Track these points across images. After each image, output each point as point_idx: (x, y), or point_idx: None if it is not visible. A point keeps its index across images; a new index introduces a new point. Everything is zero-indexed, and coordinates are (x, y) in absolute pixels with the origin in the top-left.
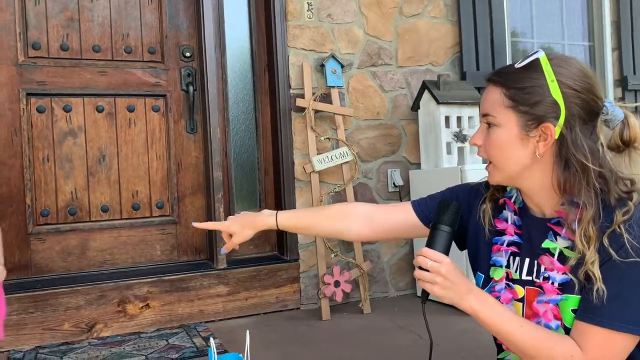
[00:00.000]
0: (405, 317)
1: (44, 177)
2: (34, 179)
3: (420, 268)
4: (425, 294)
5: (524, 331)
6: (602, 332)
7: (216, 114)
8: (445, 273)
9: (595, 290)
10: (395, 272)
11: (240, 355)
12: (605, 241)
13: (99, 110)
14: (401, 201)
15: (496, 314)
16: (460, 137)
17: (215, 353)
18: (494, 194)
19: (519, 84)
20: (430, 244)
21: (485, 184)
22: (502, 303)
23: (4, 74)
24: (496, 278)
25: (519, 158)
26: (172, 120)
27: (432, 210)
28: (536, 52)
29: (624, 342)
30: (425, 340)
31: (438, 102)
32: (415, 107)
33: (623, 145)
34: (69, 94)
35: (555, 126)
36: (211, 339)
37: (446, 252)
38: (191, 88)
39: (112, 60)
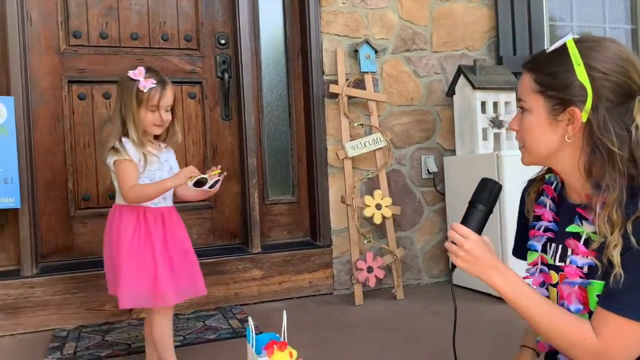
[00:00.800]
0: (438, 303)
1: (85, 162)
2: (75, 165)
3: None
4: (453, 264)
5: (542, 310)
6: (617, 319)
7: (250, 101)
8: (468, 248)
9: (613, 275)
10: (428, 259)
11: (278, 334)
12: (630, 227)
13: None
14: (435, 188)
15: (517, 291)
16: (496, 122)
17: (254, 332)
18: (538, 182)
19: (546, 69)
20: (463, 221)
21: (538, 175)
22: (532, 285)
23: (48, 62)
24: (529, 261)
25: (549, 142)
26: (207, 107)
27: (522, 244)
28: (566, 35)
29: (639, 332)
30: (460, 327)
31: (474, 87)
32: (451, 92)
33: None
34: (108, 81)
35: (582, 110)
36: (249, 319)
37: (479, 229)
38: (226, 75)
39: (150, 47)
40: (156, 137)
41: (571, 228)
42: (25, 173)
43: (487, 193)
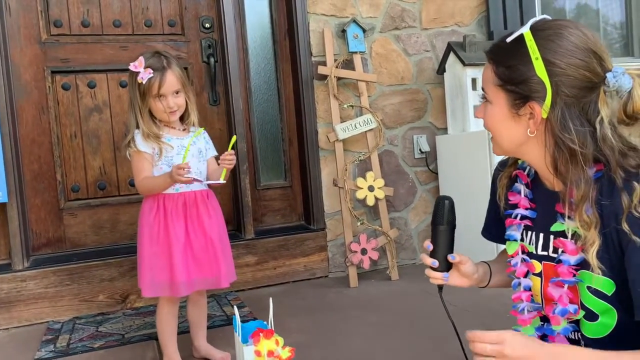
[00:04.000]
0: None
1: (73, 153)
2: (63, 156)
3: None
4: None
5: None
6: None
7: (238, 85)
8: (510, 353)
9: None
10: (423, 239)
11: (265, 322)
12: (625, 227)
13: (123, 85)
14: (428, 168)
15: None
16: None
17: (239, 321)
18: (511, 166)
19: (505, 61)
20: (434, 245)
21: (510, 160)
22: (517, 276)
23: (29, 52)
24: (510, 252)
25: (512, 136)
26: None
27: (493, 226)
28: (525, 25)
29: None
30: (454, 306)
31: (464, 64)
32: (441, 70)
33: (628, 119)
34: (92, 70)
35: (541, 106)
36: (235, 308)
37: (449, 247)
38: (212, 59)
39: (133, 34)
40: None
41: (555, 227)
42: (12, 166)
43: (441, 212)
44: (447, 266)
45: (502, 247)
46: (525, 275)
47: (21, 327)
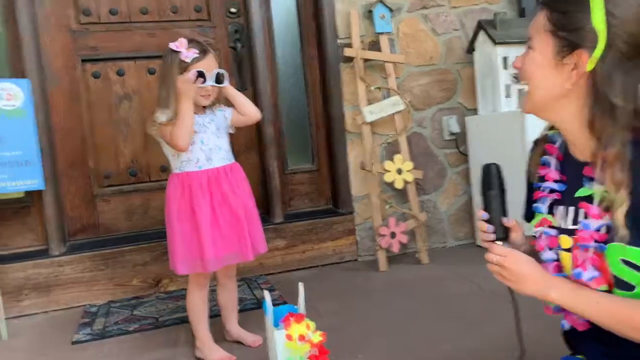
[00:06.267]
0: (464, 266)
1: (104, 140)
2: (95, 143)
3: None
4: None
5: (600, 307)
6: None
7: (265, 70)
8: (509, 266)
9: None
10: (453, 222)
11: (295, 306)
12: None
13: (151, 72)
14: (458, 150)
15: (574, 299)
16: (519, 78)
17: (270, 304)
18: (542, 142)
19: (562, 7)
20: (486, 211)
21: (541, 136)
22: (537, 249)
23: (60, 41)
24: (533, 224)
25: (550, 86)
26: None
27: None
28: None
29: None
30: (486, 290)
31: (495, 43)
32: (471, 49)
33: None
34: (121, 58)
35: (589, 56)
36: (265, 292)
37: (502, 212)
38: (239, 45)
39: (160, 21)
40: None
41: (581, 192)
42: (46, 154)
43: (489, 177)
44: (503, 232)
45: None
46: (545, 250)
47: (59, 311)
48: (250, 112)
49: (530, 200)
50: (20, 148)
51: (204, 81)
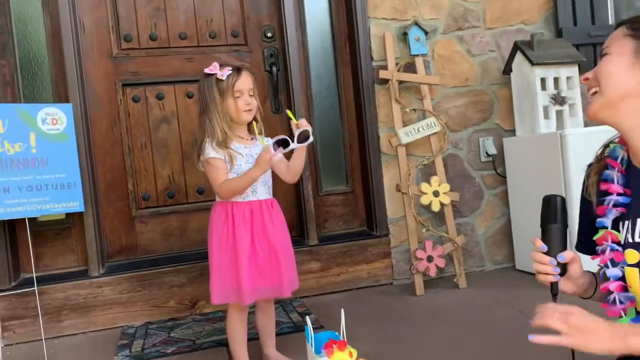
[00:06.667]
0: (503, 291)
1: (143, 163)
2: (134, 165)
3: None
4: (555, 286)
5: None
6: None
7: (300, 93)
8: (576, 322)
9: None
10: (491, 245)
11: (337, 333)
12: None
13: (189, 96)
14: (496, 171)
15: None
16: (558, 99)
17: (312, 330)
18: (599, 161)
19: None
20: (545, 245)
21: (597, 155)
22: (600, 264)
23: (102, 67)
24: (596, 239)
25: (624, 83)
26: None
27: (587, 236)
28: None
29: None
30: (528, 316)
31: (532, 63)
32: (507, 70)
33: None
34: (160, 82)
35: None
36: (307, 318)
37: (562, 247)
38: (274, 68)
39: (198, 46)
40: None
41: None
42: (87, 176)
43: (553, 210)
44: (562, 268)
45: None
46: (612, 264)
47: (97, 331)
48: (294, 178)
49: (584, 228)
50: (64, 171)
51: (286, 147)
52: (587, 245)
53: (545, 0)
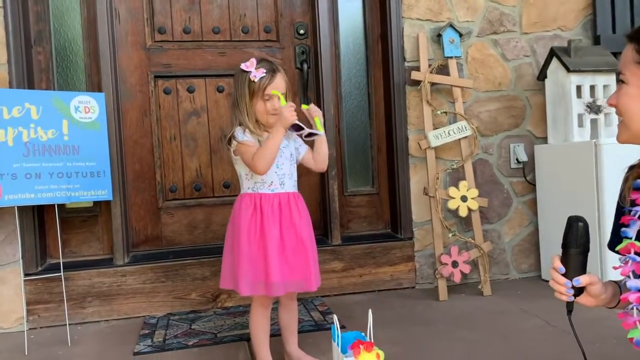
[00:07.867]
0: (528, 300)
1: (172, 155)
2: (162, 157)
3: None
4: (570, 305)
5: None
6: None
7: (330, 91)
8: None
9: None
10: (517, 253)
11: (363, 333)
12: None
13: (220, 90)
14: (525, 179)
15: None
16: (593, 108)
17: (339, 329)
18: (637, 165)
19: None
20: (566, 267)
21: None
22: (621, 275)
23: (135, 58)
24: (620, 249)
25: None
26: (286, 98)
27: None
28: None
29: None
30: (553, 326)
31: (568, 70)
32: (542, 76)
33: None
34: (192, 75)
35: None
36: (334, 317)
37: (581, 271)
38: (305, 66)
39: (231, 41)
40: None
41: None
42: (116, 166)
43: (573, 234)
44: (578, 291)
45: None
46: (635, 276)
47: (120, 320)
48: (323, 165)
49: (617, 229)
50: (94, 159)
51: (300, 129)
52: (619, 242)
53: (583, 7)
